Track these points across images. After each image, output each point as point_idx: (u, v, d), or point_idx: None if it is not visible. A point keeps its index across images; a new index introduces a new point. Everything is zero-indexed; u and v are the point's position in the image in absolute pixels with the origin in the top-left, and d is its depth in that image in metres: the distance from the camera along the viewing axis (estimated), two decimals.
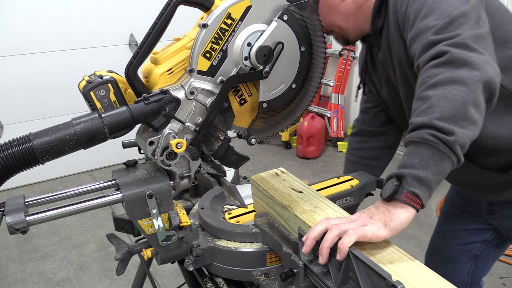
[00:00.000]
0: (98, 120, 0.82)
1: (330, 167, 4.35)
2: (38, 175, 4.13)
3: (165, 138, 0.88)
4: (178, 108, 0.89)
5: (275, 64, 0.94)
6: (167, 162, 0.91)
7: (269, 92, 0.98)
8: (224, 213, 1.22)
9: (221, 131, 0.97)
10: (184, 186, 0.98)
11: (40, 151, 0.78)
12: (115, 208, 1.26)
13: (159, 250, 1.01)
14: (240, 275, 1.07)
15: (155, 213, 0.93)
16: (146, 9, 4.28)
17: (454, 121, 0.86)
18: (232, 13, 0.88)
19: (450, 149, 0.85)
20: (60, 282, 2.77)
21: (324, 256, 0.84)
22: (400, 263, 0.82)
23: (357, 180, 1.34)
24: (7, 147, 0.76)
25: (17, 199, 0.87)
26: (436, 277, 0.78)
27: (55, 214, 0.87)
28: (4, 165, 0.76)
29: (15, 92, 3.81)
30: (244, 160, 1.06)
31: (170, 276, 2.77)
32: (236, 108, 0.98)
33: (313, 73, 1.03)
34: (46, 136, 0.79)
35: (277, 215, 1.08)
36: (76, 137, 0.80)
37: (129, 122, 0.86)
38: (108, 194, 0.92)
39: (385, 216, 0.85)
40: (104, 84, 0.89)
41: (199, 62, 0.88)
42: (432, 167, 0.85)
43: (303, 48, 0.98)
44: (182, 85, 0.89)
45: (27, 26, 3.78)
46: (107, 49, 4.18)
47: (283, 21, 0.92)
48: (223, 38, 0.89)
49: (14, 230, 0.80)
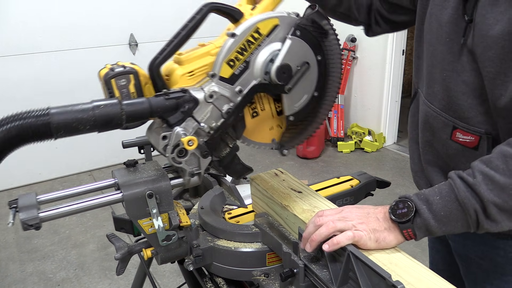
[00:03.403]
0: (117, 106, 0.83)
1: (330, 167, 4.35)
2: (38, 175, 4.13)
3: (176, 135, 0.89)
4: (195, 109, 0.91)
5: (298, 82, 0.98)
6: (177, 159, 0.92)
7: (294, 105, 1.02)
8: (224, 213, 1.22)
9: (231, 138, 0.99)
10: (194, 183, 0.99)
11: (56, 126, 0.78)
12: (115, 208, 1.26)
13: (159, 250, 1.01)
14: (240, 275, 1.07)
15: (155, 213, 0.93)
16: (146, 9, 4.29)
17: (509, 213, 0.80)
18: (260, 28, 0.93)
19: (477, 227, 0.83)
20: (60, 282, 2.77)
21: (312, 246, 0.87)
22: (400, 263, 0.82)
23: (357, 180, 1.34)
24: (24, 117, 0.76)
25: (30, 196, 0.87)
26: (436, 277, 0.78)
27: (68, 210, 0.88)
28: (18, 133, 0.76)
29: (15, 92, 3.81)
30: (248, 171, 1.08)
31: (170, 276, 2.77)
32: (247, 120, 1.00)
33: (332, 75, 1.04)
34: (65, 112, 0.79)
35: (276, 215, 1.08)
36: (94, 118, 0.80)
37: (147, 113, 0.87)
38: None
39: (381, 233, 0.86)
40: (126, 74, 0.90)
41: (222, 68, 0.91)
42: (449, 227, 0.84)
43: (319, 56, 1.00)
44: (202, 87, 0.91)
45: (27, 26, 3.78)
46: (107, 49, 4.18)
47: (296, 37, 0.95)
48: (248, 50, 0.93)
49: (27, 226, 0.81)
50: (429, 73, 1.04)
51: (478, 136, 0.94)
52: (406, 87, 5.13)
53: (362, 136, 4.75)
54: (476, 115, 0.93)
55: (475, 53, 0.89)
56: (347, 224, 0.86)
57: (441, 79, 0.99)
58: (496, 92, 0.87)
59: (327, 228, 0.86)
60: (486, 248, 1.09)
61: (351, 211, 0.90)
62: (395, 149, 4.75)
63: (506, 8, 0.81)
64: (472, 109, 0.94)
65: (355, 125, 4.87)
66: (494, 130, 0.91)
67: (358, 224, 0.86)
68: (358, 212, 0.89)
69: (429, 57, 1.04)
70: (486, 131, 0.93)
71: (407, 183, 3.92)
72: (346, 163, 4.44)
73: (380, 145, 4.73)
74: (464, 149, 0.97)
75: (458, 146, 0.99)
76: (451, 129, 0.99)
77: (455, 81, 0.95)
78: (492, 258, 1.08)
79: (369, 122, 4.82)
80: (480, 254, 1.11)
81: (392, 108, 4.69)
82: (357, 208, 0.91)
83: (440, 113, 1.01)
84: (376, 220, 0.87)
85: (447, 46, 0.96)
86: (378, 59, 4.54)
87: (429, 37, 1.03)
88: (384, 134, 4.76)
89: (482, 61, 0.88)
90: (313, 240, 0.88)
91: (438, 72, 1.00)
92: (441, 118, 1.01)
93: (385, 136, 4.77)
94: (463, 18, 0.91)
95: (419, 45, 1.11)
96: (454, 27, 0.94)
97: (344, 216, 0.88)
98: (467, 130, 0.96)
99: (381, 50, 4.44)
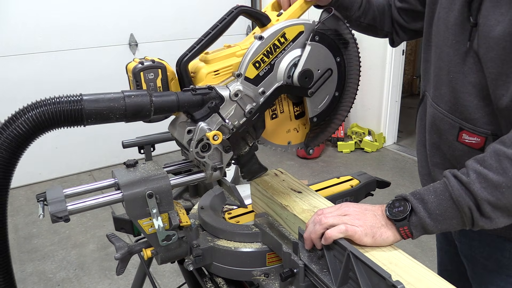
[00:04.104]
0: (147, 98, 0.85)
1: (330, 167, 4.35)
2: (38, 175, 4.13)
3: (201, 130, 0.92)
4: (220, 106, 0.94)
5: (321, 86, 1.04)
6: (201, 154, 0.95)
7: (316, 107, 1.07)
8: (224, 213, 1.22)
9: (251, 137, 1.03)
10: (216, 178, 1.02)
11: (88, 113, 0.80)
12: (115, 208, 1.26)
13: (159, 250, 1.01)
14: (240, 275, 1.07)
15: (155, 212, 0.93)
16: (146, 9, 4.29)
17: (502, 211, 0.81)
18: (287, 33, 0.97)
19: (472, 225, 0.83)
20: (60, 282, 2.77)
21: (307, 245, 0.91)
22: (399, 263, 0.83)
23: (357, 180, 1.34)
24: (58, 101, 0.78)
25: (57, 190, 0.90)
26: (436, 277, 0.78)
27: (95, 203, 0.90)
28: (50, 116, 0.77)
29: (15, 92, 3.80)
30: (263, 170, 1.14)
31: (170, 276, 2.77)
32: (267, 121, 1.05)
33: (350, 73, 1.09)
34: (97, 100, 0.81)
35: (276, 215, 1.08)
36: (124, 107, 0.83)
37: (174, 107, 0.89)
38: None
39: (378, 230, 0.87)
40: (155, 68, 0.93)
41: (248, 69, 0.95)
42: (444, 225, 0.84)
43: (338, 58, 1.05)
44: (227, 86, 0.95)
45: (27, 26, 3.77)
46: (107, 49, 4.18)
47: (315, 42, 0.99)
48: (274, 53, 0.97)
49: (56, 218, 0.83)
50: (436, 75, 1.05)
51: (484, 137, 0.94)
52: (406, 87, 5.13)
53: (362, 136, 4.75)
54: (482, 116, 0.94)
55: (479, 55, 0.90)
56: (340, 219, 0.87)
57: (448, 81, 1.00)
58: (498, 93, 0.87)
59: (321, 225, 0.87)
60: (491, 249, 1.09)
61: (349, 208, 0.90)
62: (395, 149, 4.75)
63: (507, 10, 0.82)
64: (478, 110, 0.94)
65: (355, 125, 4.87)
66: (500, 131, 0.91)
67: (354, 220, 0.87)
68: (356, 208, 0.90)
69: (436, 59, 1.05)
70: (492, 132, 0.93)
71: (407, 183, 3.92)
72: (346, 163, 4.44)
73: (380, 145, 4.73)
74: (470, 150, 0.97)
75: (464, 148, 0.99)
76: (457, 131, 0.99)
77: (462, 82, 0.96)
78: (498, 259, 1.08)
79: (369, 122, 4.82)
80: (486, 255, 1.11)
81: (392, 108, 4.69)
82: (355, 204, 0.92)
83: (447, 114, 1.02)
84: (374, 217, 0.88)
85: (454, 48, 0.97)
86: (378, 59, 4.54)
87: (436, 39, 1.04)
88: (384, 134, 4.76)
89: (485, 62, 0.88)
90: (307, 239, 0.90)
91: (445, 74, 1.01)
92: (448, 119, 1.02)
93: (385, 136, 4.77)
94: (468, 20, 0.91)
95: (427, 48, 1.12)
96: (460, 29, 0.95)
97: (342, 213, 0.89)
98: (474, 132, 0.96)
99: (381, 50, 4.44)
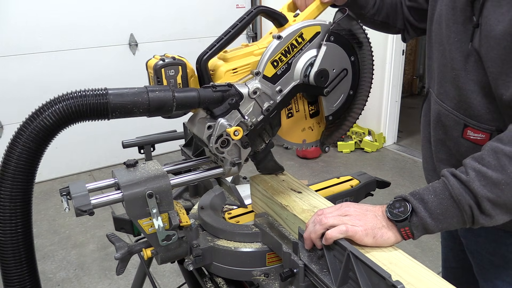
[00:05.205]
0: (169, 93, 0.87)
1: (330, 167, 4.35)
2: (38, 175, 4.06)
3: (220, 126, 0.94)
4: (240, 103, 0.96)
5: (336, 86, 1.06)
6: (220, 149, 0.97)
7: (332, 106, 1.10)
8: (224, 213, 1.22)
9: (268, 134, 1.05)
10: (233, 173, 1.04)
11: (113, 106, 0.82)
12: (115, 208, 1.26)
13: (159, 249, 1.01)
14: (240, 275, 1.07)
15: (155, 212, 0.93)
16: (146, 9, 4.29)
17: (502, 208, 0.81)
18: (304, 33, 0.99)
19: (473, 223, 0.84)
20: (60, 282, 2.77)
21: (307, 245, 0.91)
22: (399, 263, 0.83)
23: (357, 180, 1.34)
24: (84, 95, 0.80)
25: (80, 184, 0.91)
26: (436, 277, 0.78)
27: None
28: (77, 109, 0.79)
29: (15, 92, 3.81)
30: (279, 169, 1.17)
31: (170, 276, 2.77)
32: (283, 119, 1.06)
33: (364, 71, 1.11)
34: (122, 94, 0.83)
35: (276, 215, 1.08)
36: (148, 102, 0.85)
37: (195, 103, 0.91)
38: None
39: (379, 230, 0.86)
40: (176, 65, 0.95)
41: (266, 67, 0.97)
42: (445, 224, 0.84)
43: (353, 57, 1.07)
44: (246, 84, 0.97)
45: (27, 26, 3.77)
46: (107, 49, 4.17)
47: (331, 42, 1.02)
48: (291, 52, 0.99)
49: (81, 212, 0.85)
50: (440, 72, 1.06)
51: (488, 133, 0.95)
52: (406, 87, 5.13)
53: (362, 136, 4.75)
54: (486, 112, 0.94)
55: (480, 54, 0.90)
56: (340, 219, 0.87)
57: (452, 78, 1.00)
58: (499, 92, 0.88)
59: (321, 225, 0.87)
60: (497, 245, 1.10)
61: (350, 208, 0.90)
62: (395, 149, 4.75)
63: (508, 9, 0.82)
64: (482, 107, 0.95)
65: (355, 125, 4.87)
66: (504, 127, 0.92)
67: (355, 220, 0.86)
68: (357, 208, 0.90)
69: (439, 57, 1.05)
70: (497, 129, 0.93)
71: (407, 183, 3.92)
72: (346, 163, 4.44)
73: (380, 145, 4.73)
74: (476, 146, 0.97)
75: (469, 144, 1.00)
76: (462, 127, 1.00)
77: (465, 79, 0.96)
78: (504, 254, 1.09)
79: (369, 122, 4.82)
80: (492, 250, 1.12)
81: (392, 108, 4.69)
82: (356, 205, 0.92)
83: (451, 111, 1.02)
84: (375, 217, 0.88)
85: (456, 45, 0.97)
86: (378, 59, 4.53)
87: (439, 37, 1.05)
88: (384, 134, 4.76)
89: (486, 61, 0.89)
90: (307, 239, 0.90)
91: (448, 71, 1.01)
92: (453, 116, 1.02)
93: (385, 136, 4.77)
94: (470, 20, 0.92)
95: (430, 45, 1.12)
96: (462, 28, 0.95)
97: (342, 213, 0.89)
98: (478, 128, 0.97)
99: (381, 50, 4.44)
